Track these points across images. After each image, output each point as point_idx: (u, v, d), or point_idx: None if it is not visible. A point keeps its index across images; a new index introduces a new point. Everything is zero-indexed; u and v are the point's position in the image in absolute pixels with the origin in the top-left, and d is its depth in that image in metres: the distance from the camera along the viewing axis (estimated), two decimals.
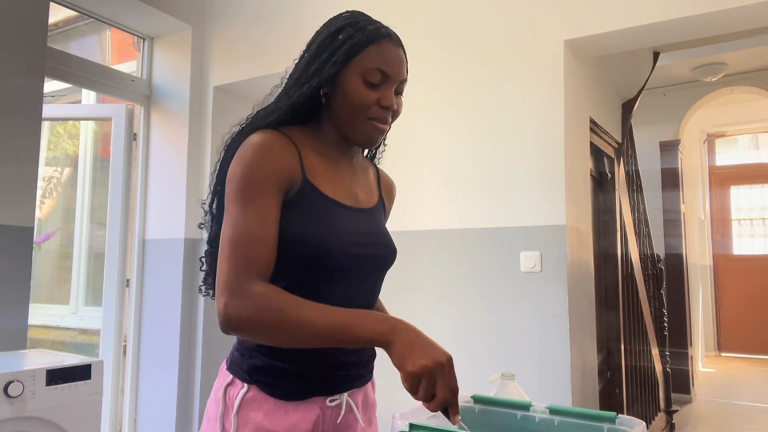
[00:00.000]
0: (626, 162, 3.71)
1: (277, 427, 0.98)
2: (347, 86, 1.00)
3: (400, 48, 1.05)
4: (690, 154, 6.25)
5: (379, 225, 1.12)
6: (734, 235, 7.46)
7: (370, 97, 1.00)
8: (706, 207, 7.26)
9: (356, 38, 1.00)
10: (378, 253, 1.08)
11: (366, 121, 1.02)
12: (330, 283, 0.99)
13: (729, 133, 7.31)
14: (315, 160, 1.03)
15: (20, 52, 2.27)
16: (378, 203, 1.15)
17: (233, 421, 0.99)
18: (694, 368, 5.46)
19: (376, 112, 1.01)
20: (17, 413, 1.61)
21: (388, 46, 1.02)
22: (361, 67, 1.00)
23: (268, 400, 0.99)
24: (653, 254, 4.31)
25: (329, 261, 0.98)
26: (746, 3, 1.96)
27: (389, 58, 1.01)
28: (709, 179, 7.34)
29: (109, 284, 3.06)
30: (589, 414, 0.88)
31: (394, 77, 1.02)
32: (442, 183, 2.47)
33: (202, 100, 3.18)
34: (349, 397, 1.06)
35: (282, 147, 0.98)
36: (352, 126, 1.03)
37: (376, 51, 1.01)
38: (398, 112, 1.07)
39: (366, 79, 1.00)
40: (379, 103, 1.01)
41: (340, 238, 1.00)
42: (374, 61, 1.00)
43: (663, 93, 5.46)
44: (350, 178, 1.10)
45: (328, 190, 1.02)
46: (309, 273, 0.99)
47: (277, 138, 0.98)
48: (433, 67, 2.51)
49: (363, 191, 1.12)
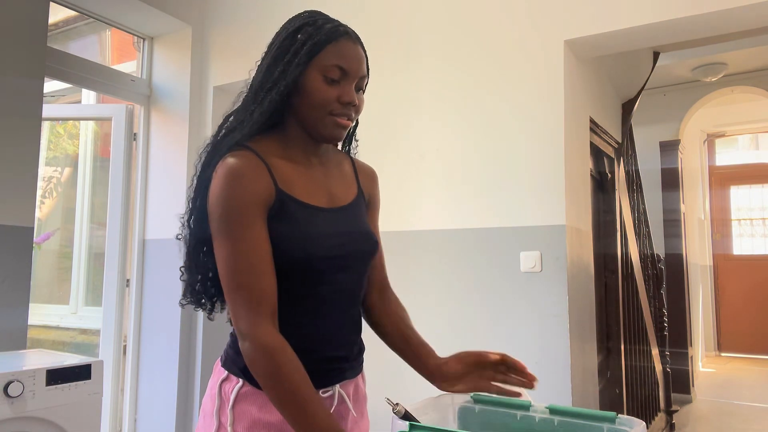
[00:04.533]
0: (626, 162, 3.71)
1: (272, 419, 1.00)
2: (308, 85, 1.02)
3: (359, 45, 1.07)
4: (690, 154, 6.25)
5: (358, 221, 1.13)
6: (734, 235, 7.46)
7: (330, 93, 1.02)
8: (706, 207, 7.26)
9: (315, 38, 1.02)
10: (358, 249, 1.09)
11: (328, 117, 1.04)
12: (317, 284, 1.03)
13: (729, 133, 7.30)
14: (285, 168, 1.05)
15: (20, 52, 2.27)
16: (357, 197, 1.16)
17: (229, 416, 1.01)
18: (694, 368, 5.45)
19: (337, 108, 1.04)
20: (17, 413, 1.61)
21: (346, 43, 1.04)
22: (320, 65, 1.02)
23: (262, 394, 1.00)
24: (653, 254, 4.31)
25: (312, 265, 1.02)
26: (746, 3, 1.96)
27: (347, 55, 1.04)
28: (709, 179, 7.34)
29: (109, 284, 3.06)
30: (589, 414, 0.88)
31: (353, 73, 1.04)
32: (442, 183, 2.46)
33: (202, 100, 3.18)
34: (341, 388, 1.08)
35: (253, 170, 0.99)
36: (315, 123, 1.05)
37: (335, 49, 1.03)
38: (360, 108, 1.09)
39: (326, 76, 1.02)
40: (339, 99, 1.03)
41: (319, 243, 1.03)
42: (333, 58, 1.02)
43: (663, 93, 5.46)
44: (323, 178, 1.11)
45: (302, 196, 1.05)
46: (296, 278, 1.02)
47: (248, 160, 1.00)
48: (433, 67, 2.51)
49: (338, 188, 1.13)
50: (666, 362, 4.21)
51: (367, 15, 2.64)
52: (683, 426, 4.29)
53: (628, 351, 3.32)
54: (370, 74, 1.11)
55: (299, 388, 0.93)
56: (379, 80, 2.55)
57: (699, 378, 5.76)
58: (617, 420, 0.85)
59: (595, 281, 2.71)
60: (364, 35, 1.13)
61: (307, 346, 1.01)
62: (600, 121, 2.95)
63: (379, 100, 2.46)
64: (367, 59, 1.09)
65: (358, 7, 2.68)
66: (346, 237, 1.08)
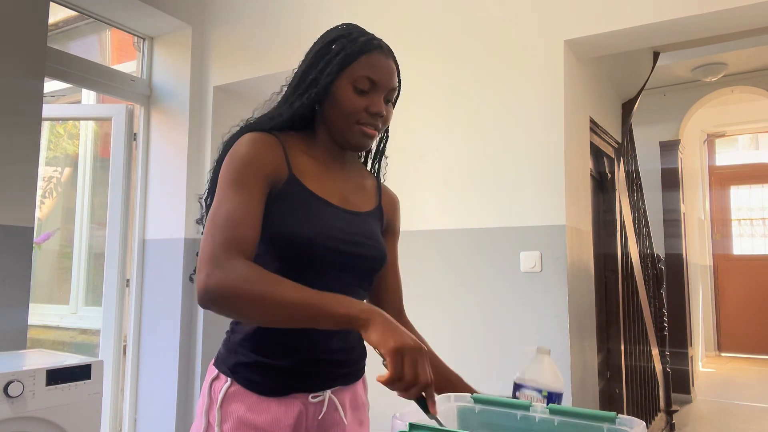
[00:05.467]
0: (626, 162, 3.71)
1: (258, 421, 1.00)
2: (338, 94, 1.06)
3: (391, 59, 1.10)
4: (690, 154, 6.25)
5: (369, 228, 1.12)
6: (734, 235, 7.46)
7: (359, 103, 1.06)
8: (706, 207, 7.26)
9: (348, 49, 1.06)
10: (363, 253, 1.08)
11: (355, 126, 1.07)
12: (312, 275, 1.00)
13: (729, 133, 7.31)
14: (304, 160, 1.08)
15: (20, 52, 2.27)
16: (374, 211, 1.17)
17: (217, 415, 1.01)
18: (694, 368, 5.46)
19: (364, 117, 1.06)
20: (17, 413, 1.61)
21: (378, 56, 1.08)
22: (351, 75, 1.05)
23: (251, 394, 1.01)
24: (653, 254, 4.31)
25: (309, 252, 1.02)
26: (746, 3, 1.96)
27: (378, 67, 1.07)
28: (709, 179, 7.34)
29: (109, 284, 3.06)
30: (589, 414, 0.88)
31: (382, 85, 1.07)
32: (442, 183, 2.46)
33: (202, 100, 3.18)
34: (336, 395, 1.07)
35: (269, 145, 1.03)
36: (342, 131, 1.08)
37: (367, 60, 1.06)
38: (388, 120, 1.12)
39: (356, 87, 1.05)
40: (367, 109, 1.06)
41: (320, 232, 1.02)
42: (364, 69, 1.06)
43: (663, 93, 5.46)
44: (341, 181, 1.13)
45: (314, 188, 1.06)
46: (292, 265, 1.01)
47: (266, 137, 1.04)
48: (434, 67, 2.51)
49: (355, 195, 1.14)
50: (666, 362, 4.21)
51: (368, 15, 2.63)
52: (683, 426, 4.29)
53: (628, 351, 3.32)
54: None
55: (290, 284, 0.89)
56: None
57: (699, 378, 5.76)
58: (617, 420, 0.85)
59: (595, 281, 2.72)
60: None
61: (296, 344, 1.02)
62: (600, 121, 2.95)
63: None
64: (399, 73, 1.12)
65: (358, 7, 2.68)
66: (353, 237, 1.07)
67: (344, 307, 0.86)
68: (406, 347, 0.82)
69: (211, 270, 0.89)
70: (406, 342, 0.83)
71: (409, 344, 0.83)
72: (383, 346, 0.83)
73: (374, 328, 0.84)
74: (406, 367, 0.82)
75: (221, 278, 0.88)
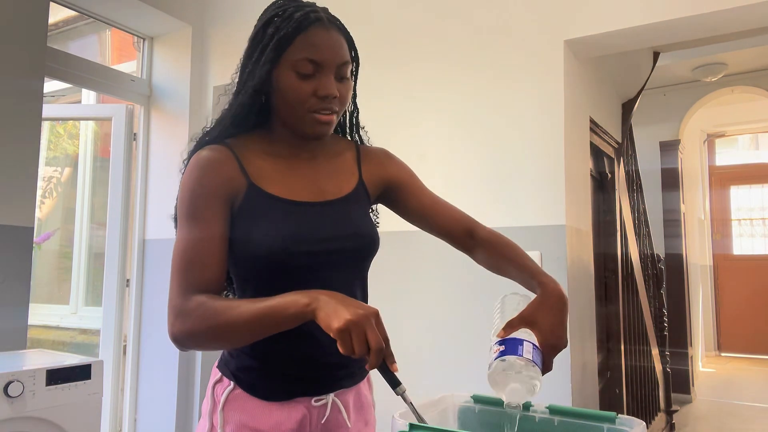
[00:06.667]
0: (626, 162, 3.71)
1: (260, 425, 0.99)
2: (281, 83, 0.97)
3: (334, 29, 0.99)
4: (690, 154, 6.25)
5: (349, 216, 1.06)
6: (734, 235, 7.46)
7: (305, 89, 0.96)
8: (706, 207, 7.26)
9: (282, 30, 0.96)
10: (345, 247, 1.03)
11: (307, 115, 0.98)
12: (293, 282, 0.92)
13: (729, 133, 7.31)
14: (263, 163, 1.02)
15: (20, 52, 2.26)
16: (355, 190, 1.09)
17: (219, 418, 1.00)
18: (694, 368, 5.46)
19: (315, 104, 0.97)
20: (17, 413, 1.61)
21: (317, 32, 0.96)
22: (290, 60, 0.96)
23: (253, 399, 1.00)
24: (653, 254, 4.31)
25: (284, 263, 0.98)
26: (746, 3, 1.95)
27: (319, 45, 0.96)
28: (709, 179, 7.34)
29: (109, 284, 3.06)
30: (589, 414, 0.88)
31: (328, 64, 0.96)
32: (442, 183, 2.46)
33: (202, 100, 3.18)
34: (339, 397, 1.05)
35: (217, 162, 0.98)
36: (295, 122, 1.00)
37: (304, 40, 0.95)
38: (346, 98, 1.01)
39: (298, 72, 0.96)
40: (316, 93, 0.96)
41: (289, 238, 0.97)
42: (303, 51, 0.95)
43: (663, 93, 5.46)
44: (311, 172, 1.06)
45: (277, 190, 1.00)
46: (269, 275, 0.99)
47: (213, 153, 0.99)
48: (433, 67, 2.51)
49: (330, 182, 1.07)
50: (666, 362, 4.21)
51: (368, 15, 2.64)
52: (683, 426, 4.29)
53: (628, 351, 3.31)
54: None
55: (239, 303, 0.90)
56: (379, 80, 2.55)
57: (699, 378, 5.76)
58: (617, 420, 0.85)
59: (595, 281, 2.71)
60: (363, 35, 1.11)
61: (294, 352, 0.99)
62: (600, 121, 2.95)
63: (379, 101, 2.46)
64: (350, 41, 1.02)
65: (358, 6, 2.68)
66: (332, 231, 1.02)
67: (291, 306, 0.85)
68: (350, 323, 0.79)
69: (173, 320, 0.93)
70: (349, 318, 0.80)
71: (352, 319, 0.80)
72: (330, 330, 0.81)
73: (319, 314, 0.83)
74: (354, 344, 0.80)
75: (182, 326, 0.92)
